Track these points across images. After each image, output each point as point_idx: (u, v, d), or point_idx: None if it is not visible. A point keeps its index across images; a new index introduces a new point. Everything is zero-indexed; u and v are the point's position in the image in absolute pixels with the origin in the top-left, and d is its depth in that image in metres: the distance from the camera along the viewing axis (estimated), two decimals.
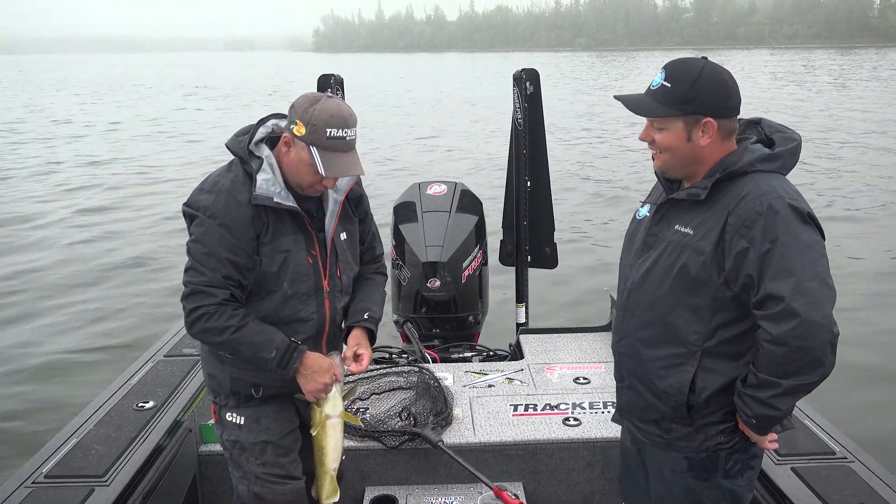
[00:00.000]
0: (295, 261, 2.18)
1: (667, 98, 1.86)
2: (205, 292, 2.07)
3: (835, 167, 14.52)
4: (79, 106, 32.18)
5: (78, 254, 9.45)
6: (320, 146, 2.05)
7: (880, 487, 2.48)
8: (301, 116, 2.06)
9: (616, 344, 2.13)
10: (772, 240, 1.75)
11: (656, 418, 2.03)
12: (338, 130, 2.05)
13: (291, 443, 2.38)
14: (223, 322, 2.07)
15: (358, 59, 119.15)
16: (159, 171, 15.85)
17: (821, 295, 1.74)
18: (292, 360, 2.14)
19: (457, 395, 3.48)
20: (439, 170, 14.85)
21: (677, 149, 1.88)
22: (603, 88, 38.13)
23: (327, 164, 2.06)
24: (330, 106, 2.07)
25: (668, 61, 1.92)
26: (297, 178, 2.14)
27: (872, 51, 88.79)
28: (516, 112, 4.16)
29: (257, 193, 2.09)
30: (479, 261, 4.27)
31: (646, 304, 1.98)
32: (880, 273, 8.40)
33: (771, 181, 1.83)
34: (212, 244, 2.08)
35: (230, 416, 2.34)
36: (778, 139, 1.92)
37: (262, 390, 2.29)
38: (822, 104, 26.93)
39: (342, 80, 4.15)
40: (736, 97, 1.88)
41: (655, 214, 2.02)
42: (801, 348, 1.72)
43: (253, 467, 2.33)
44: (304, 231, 2.20)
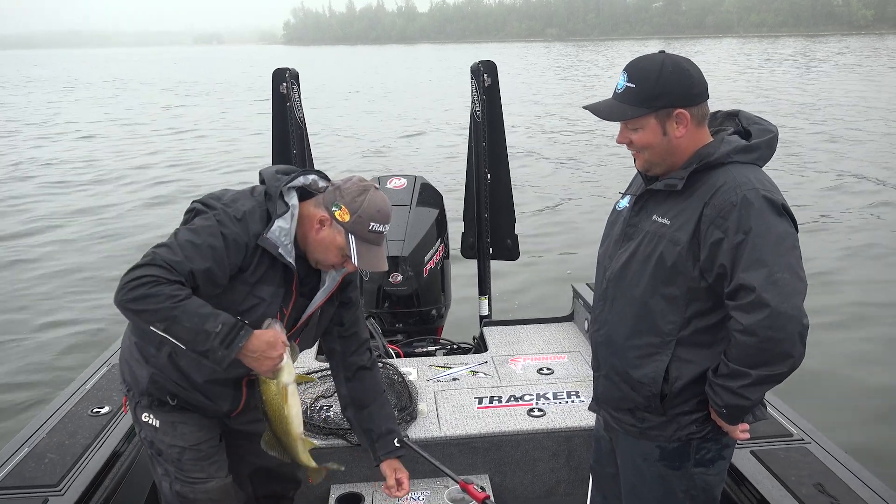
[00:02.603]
0: (263, 311, 2.11)
1: (634, 98, 1.88)
2: (165, 268, 1.93)
3: (804, 155, 14.73)
4: (48, 105, 31.46)
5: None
6: (359, 237, 2.08)
7: (835, 467, 2.53)
8: (349, 204, 2.08)
9: (594, 333, 2.14)
10: (745, 231, 1.77)
11: (631, 408, 2.04)
12: (379, 226, 2.10)
13: (210, 448, 2.32)
14: (170, 291, 1.90)
15: (329, 52, 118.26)
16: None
17: (792, 286, 1.75)
18: (238, 337, 1.95)
19: (421, 389, 3.47)
20: (399, 163, 14.82)
21: (655, 145, 1.90)
22: (571, 79, 38.22)
23: (361, 256, 2.09)
24: (378, 200, 2.11)
25: (628, 62, 1.94)
26: (322, 256, 2.14)
27: (836, 38, 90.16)
28: (475, 104, 4.14)
29: (267, 236, 2.05)
30: (440, 254, 4.26)
31: (625, 294, 2.00)
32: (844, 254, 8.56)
33: (747, 172, 1.85)
34: (204, 240, 1.99)
35: (146, 416, 2.28)
36: (755, 131, 1.94)
37: (178, 401, 2.23)
38: (789, 91, 27.32)
39: (297, 74, 4.10)
40: (701, 83, 1.90)
41: (635, 205, 2.03)
42: (770, 339, 1.74)
43: (171, 468, 2.29)
44: (286, 288, 2.16)
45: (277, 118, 4.12)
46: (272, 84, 4.07)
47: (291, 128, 4.11)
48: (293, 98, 4.06)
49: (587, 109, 1.99)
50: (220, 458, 2.35)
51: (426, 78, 42.29)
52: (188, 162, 16.26)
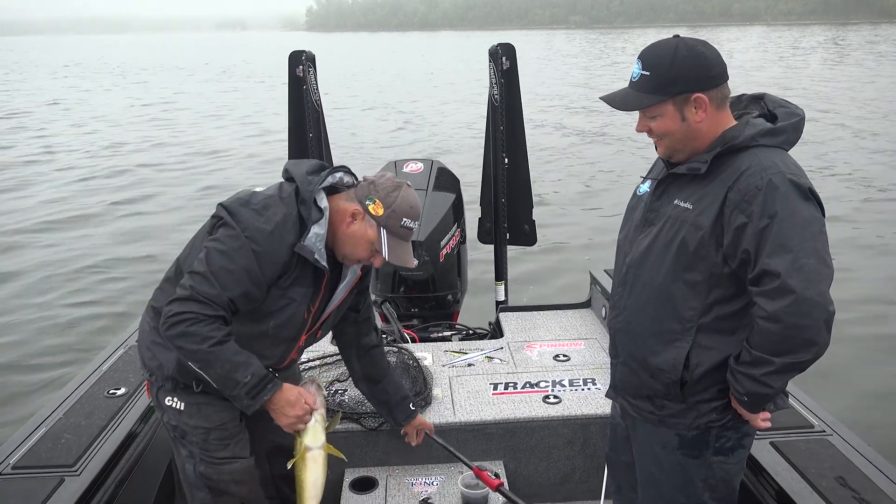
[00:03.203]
0: (293, 311, 2.16)
1: (649, 86, 1.84)
2: (205, 303, 1.98)
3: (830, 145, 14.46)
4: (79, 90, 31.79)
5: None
6: (391, 231, 2.13)
7: (858, 460, 2.47)
8: (383, 199, 2.12)
9: (613, 320, 2.12)
10: (770, 215, 1.73)
11: (649, 395, 2.02)
12: (411, 222, 2.15)
13: (234, 427, 2.33)
14: (208, 331, 1.96)
15: (350, 39, 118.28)
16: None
17: (817, 272, 1.71)
18: (265, 390, 2.05)
19: (436, 374, 3.46)
20: (417, 147, 14.81)
21: (675, 131, 1.87)
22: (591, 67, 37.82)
23: (392, 251, 2.14)
24: (411, 197, 2.16)
25: (642, 50, 1.90)
26: (352, 250, 2.17)
27: (868, 26, 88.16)
28: (493, 88, 4.10)
29: (304, 245, 2.06)
30: (456, 239, 4.23)
31: (645, 279, 1.97)
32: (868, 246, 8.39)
33: (772, 156, 1.81)
34: (238, 264, 2.00)
35: (169, 400, 2.29)
36: (781, 114, 1.90)
37: (203, 386, 2.23)
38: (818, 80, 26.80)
39: (314, 57, 4.09)
40: (718, 65, 1.85)
41: (656, 189, 2.00)
42: (795, 326, 1.71)
43: (195, 449, 2.31)
44: (315, 287, 2.19)
45: (294, 101, 4.11)
46: (288, 67, 4.06)
47: (308, 111, 4.09)
48: (309, 81, 4.05)
49: (603, 100, 1.96)
50: (244, 436, 2.37)
51: (447, 63, 42.23)
52: (210, 150, 16.37)
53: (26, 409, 4.79)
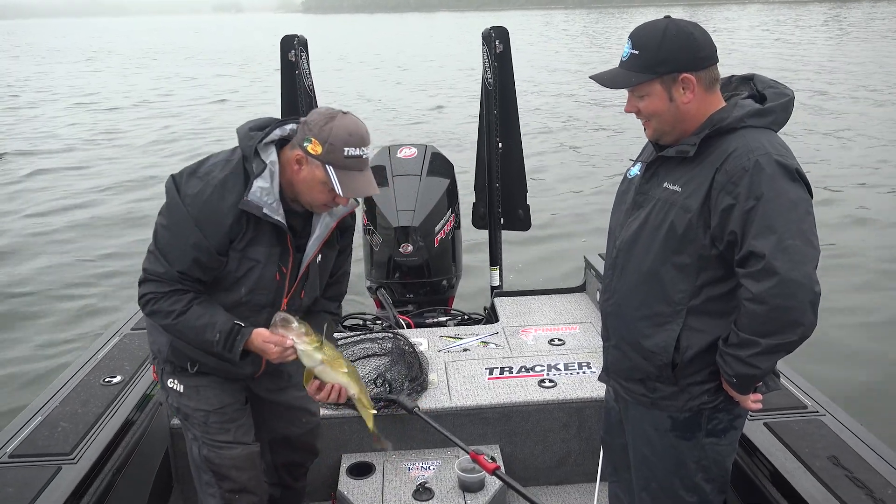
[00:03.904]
0: (261, 273, 2.10)
1: (638, 65, 1.84)
2: (158, 281, 2.06)
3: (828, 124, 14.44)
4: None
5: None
6: (337, 165, 1.96)
7: (850, 439, 2.49)
8: (317, 134, 1.96)
9: (604, 303, 2.12)
10: (757, 196, 1.72)
11: (641, 378, 2.02)
12: (355, 149, 1.96)
13: (235, 411, 2.33)
14: (168, 306, 2.05)
15: (347, 20, 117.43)
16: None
17: (802, 253, 1.71)
18: (236, 342, 2.06)
19: (432, 360, 3.47)
20: (410, 132, 14.71)
21: (663, 112, 1.86)
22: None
23: (345, 184, 1.97)
24: (347, 123, 1.98)
25: (633, 30, 1.90)
26: (310, 196, 2.04)
27: (868, 4, 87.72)
28: (486, 72, 4.07)
29: (248, 199, 1.99)
30: (451, 224, 4.23)
31: (635, 262, 1.97)
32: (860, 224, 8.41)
33: (760, 137, 1.80)
34: (181, 236, 2.00)
35: (171, 382, 2.31)
36: (770, 94, 1.89)
37: (198, 367, 2.25)
38: (813, 59, 26.70)
39: (306, 41, 4.06)
40: (707, 46, 1.84)
41: (646, 172, 2.00)
42: (780, 307, 1.71)
43: (198, 433, 2.31)
44: (282, 246, 2.11)
45: (286, 86, 4.09)
46: (280, 52, 4.04)
47: (300, 95, 4.07)
48: (302, 66, 4.02)
49: (593, 79, 1.95)
50: (247, 422, 2.36)
51: (442, 46, 41.99)
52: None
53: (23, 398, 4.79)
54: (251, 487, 2.35)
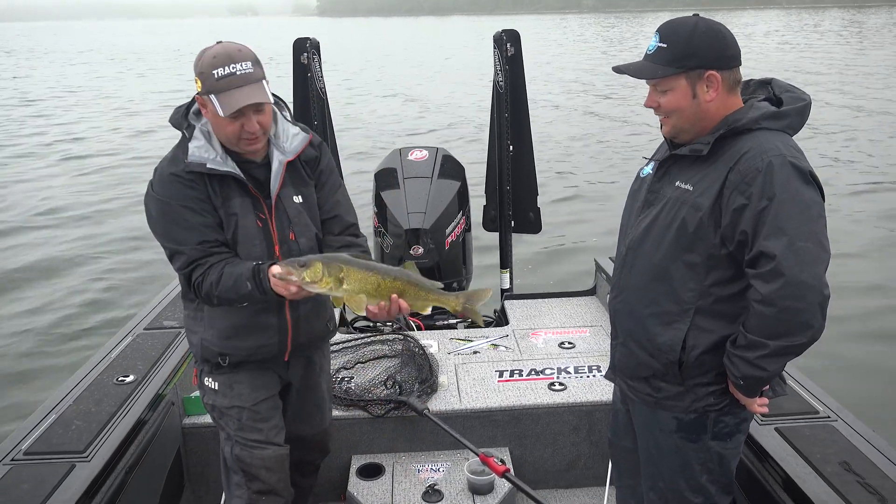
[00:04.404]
0: (243, 224, 2.16)
1: (666, 58, 1.84)
2: (190, 267, 2.12)
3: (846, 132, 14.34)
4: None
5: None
6: (215, 90, 2.00)
7: (863, 445, 2.47)
8: (196, 72, 2.05)
9: (613, 300, 2.12)
10: (769, 197, 1.73)
11: (647, 376, 2.02)
12: (225, 68, 1.99)
13: (267, 410, 2.37)
14: (208, 285, 2.10)
15: (361, 24, 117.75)
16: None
17: (813, 255, 1.71)
18: (263, 284, 2.05)
19: (442, 362, 3.48)
20: (421, 135, 14.75)
21: (684, 108, 1.86)
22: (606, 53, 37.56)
23: (224, 104, 2.00)
24: (214, 49, 2.04)
25: (661, 24, 1.91)
26: (223, 135, 2.11)
27: (886, 9, 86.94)
28: (497, 75, 4.08)
29: (189, 160, 2.10)
30: (462, 227, 4.23)
31: (644, 260, 1.97)
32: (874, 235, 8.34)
33: (774, 139, 1.80)
34: (171, 218, 2.10)
35: (207, 380, 2.38)
36: (786, 98, 1.90)
37: (229, 359, 2.30)
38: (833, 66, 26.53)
39: (318, 44, 4.08)
40: (734, 46, 1.86)
41: (658, 171, 2.00)
42: (789, 309, 1.71)
43: (232, 431, 2.35)
44: (249, 195, 2.18)
45: (298, 89, 4.11)
46: (293, 54, 4.05)
47: (312, 98, 4.09)
48: (314, 69, 4.04)
49: (616, 70, 1.95)
50: (279, 422, 2.40)
51: (456, 49, 42.01)
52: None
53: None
54: (279, 490, 2.38)
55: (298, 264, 1.97)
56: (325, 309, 2.44)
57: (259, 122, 2.07)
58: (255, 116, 2.06)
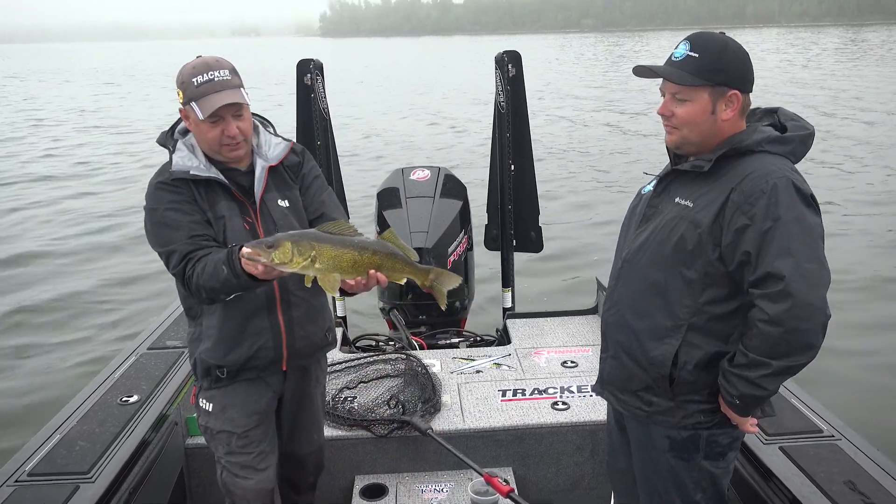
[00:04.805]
0: (231, 226, 2.22)
1: (695, 67, 1.84)
2: (181, 263, 2.14)
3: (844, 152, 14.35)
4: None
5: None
6: (195, 97, 2.11)
7: (867, 464, 2.46)
8: (178, 85, 2.16)
9: (605, 314, 2.13)
10: (774, 218, 1.75)
11: (637, 389, 2.02)
12: (203, 76, 2.11)
13: (258, 435, 2.39)
14: (195, 277, 2.12)
15: (364, 44, 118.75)
16: None
17: (818, 277, 1.74)
18: (235, 263, 2.02)
19: (445, 381, 3.48)
20: (423, 154, 14.79)
21: (699, 122, 1.87)
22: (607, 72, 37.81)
23: (203, 107, 2.10)
24: (193, 62, 2.17)
25: (691, 34, 1.91)
26: (206, 143, 2.20)
27: (884, 28, 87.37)
28: (499, 95, 4.12)
29: (173, 169, 2.20)
30: (464, 246, 4.25)
31: (638, 274, 1.99)
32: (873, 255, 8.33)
33: (777, 161, 1.83)
34: (161, 222, 2.18)
35: (202, 401, 2.40)
36: (791, 126, 1.92)
37: (226, 370, 2.31)
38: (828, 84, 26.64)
39: (321, 65, 4.11)
40: (753, 71, 1.90)
41: (658, 186, 2.02)
42: (796, 329, 1.72)
43: (221, 454, 2.39)
44: (234, 200, 2.25)
45: (302, 109, 4.14)
46: (296, 75, 4.09)
47: (316, 119, 4.12)
48: (317, 89, 4.08)
49: (640, 69, 1.95)
50: (268, 447, 2.42)
51: (457, 69, 42.33)
52: None
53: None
54: None
55: (266, 245, 1.92)
56: (322, 316, 2.45)
57: (239, 127, 2.17)
58: (235, 122, 2.15)
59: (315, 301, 2.38)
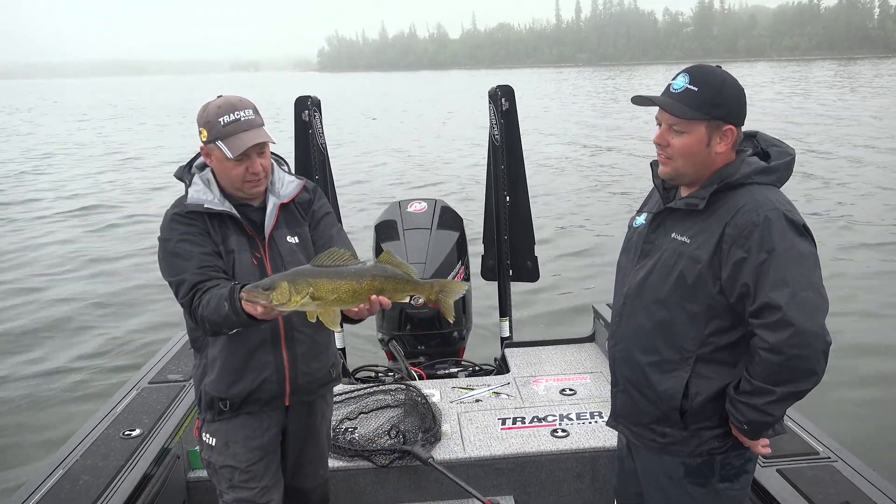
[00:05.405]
0: (240, 260, 2.27)
1: (694, 101, 1.87)
2: (190, 294, 2.18)
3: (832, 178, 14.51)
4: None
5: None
6: (222, 136, 2.18)
7: (864, 485, 2.49)
8: (201, 124, 2.23)
9: (612, 349, 2.15)
10: (768, 250, 1.78)
11: (649, 422, 2.04)
12: (229, 115, 2.18)
13: (261, 469, 2.41)
14: (201, 308, 2.15)
15: (362, 79, 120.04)
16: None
17: (815, 305, 1.77)
18: (236, 302, 2.04)
19: (444, 410, 3.50)
20: (420, 187, 14.93)
21: (694, 154, 1.90)
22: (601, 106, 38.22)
23: (231, 146, 2.17)
24: (217, 101, 2.24)
25: (689, 66, 1.95)
26: (228, 179, 2.26)
27: (871, 62, 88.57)
28: (493, 128, 4.21)
29: (188, 202, 2.27)
30: (461, 276, 4.29)
31: (642, 309, 2.01)
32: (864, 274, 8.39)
33: (767, 193, 1.86)
34: (173, 253, 2.23)
35: (206, 436, 2.42)
36: (774, 153, 1.96)
37: (229, 403, 2.34)
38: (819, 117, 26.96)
39: (319, 102, 4.20)
40: (746, 106, 1.93)
41: (652, 222, 2.04)
42: (797, 357, 1.75)
43: (224, 489, 2.40)
44: (245, 234, 2.30)
45: (300, 144, 4.22)
46: (294, 112, 4.18)
47: (314, 154, 4.19)
48: (315, 125, 4.16)
49: (639, 99, 1.98)
50: (270, 481, 2.43)
51: (454, 103, 42.78)
52: None
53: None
54: None
55: (262, 287, 1.94)
56: (326, 352, 2.47)
57: (262, 164, 2.24)
58: (259, 159, 2.22)
59: (319, 337, 2.41)
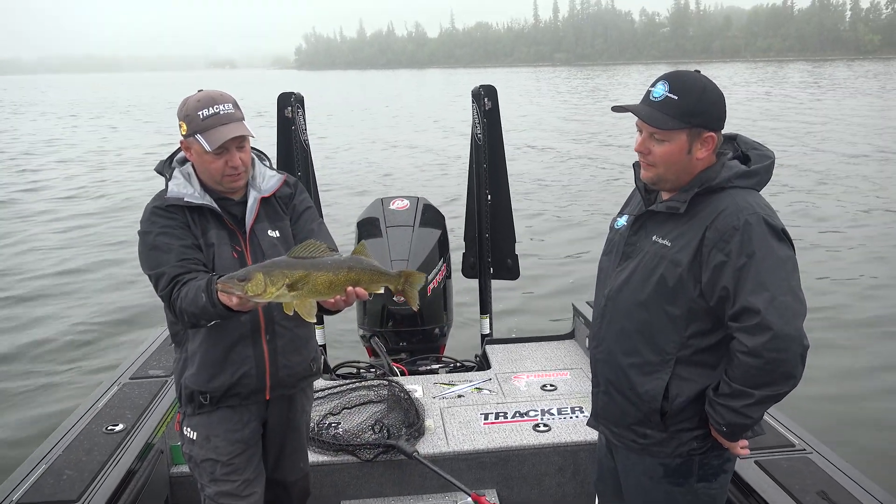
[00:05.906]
0: (220, 254, 2.27)
1: (674, 110, 1.86)
2: (170, 286, 2.17)
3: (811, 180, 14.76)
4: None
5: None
6: (201, 130, 2.18)
7: (838, 476, 2.56)
8: (180, 117, 2.24)
9: (594, 350, 2.17)
10: (748, 254, 1.80)
11: (630, 423, 2.06)
12: (208, 109, 2.19)
13: (242, 462, 2.41)
14: (179, 300, 2.14)
15: (340, 77, 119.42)
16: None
17: (793, 309, 1.79)
18: (212, 293, 2.04)
19: (427, 406, 3.52)
20: (403, 184, 14.96)
21: (676, 162, 1.91)
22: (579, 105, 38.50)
23: (210, 140, 2.17)
24: (196, 95, 2.24)
25: (667, 73, 1.94)
26: (208, 173, 2.26)
27: (843, 63, 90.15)
28: (475, 127, 4.24)
29: (168, 196, 2.27)
30: (443, 274, 4.32)
31: (623, 311, 2.03)
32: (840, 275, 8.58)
33: (747, 197, 1.88)
34: (153, 245, 2.23)
35: (186, 430, 2.42)
36: (754, 156, 1.98)
37: (210, 396, 2.34)
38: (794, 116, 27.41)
39: (302, 98, 4.19)
40: (726, 111, 1.94)
41: (633, 225, 2.06)
42: (774, 360, 1.77)
43: (205, 482, 2.40)
44: (225, 228, 2.31)
45: (282, 141, 4.20)
46: (277, 108, 4.16)
47: (296, 151, 4.19)
48: (298, 122, 4.15)
49: (618, 109, 2.00)
50: (252, 474, 2.43)
51: (433, 101, 42.80)
52: None
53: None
54: None
55: (238, 278, 1.94)
56: (306, 346, 2.48)
57: (241, 157, 2.24)
58: (238, 153, 2.22)
59: (300, 331, 2.42)
